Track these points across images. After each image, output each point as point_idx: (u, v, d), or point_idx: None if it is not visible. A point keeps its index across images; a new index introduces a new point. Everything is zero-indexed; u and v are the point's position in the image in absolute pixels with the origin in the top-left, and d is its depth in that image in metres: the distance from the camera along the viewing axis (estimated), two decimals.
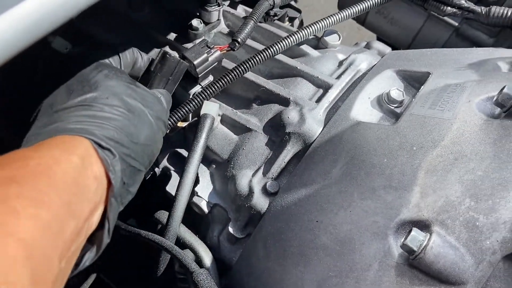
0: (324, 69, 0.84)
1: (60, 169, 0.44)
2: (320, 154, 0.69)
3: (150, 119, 0.58)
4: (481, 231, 0.49)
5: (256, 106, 0.82)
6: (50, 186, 0.42)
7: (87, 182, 0.47)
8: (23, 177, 0.40)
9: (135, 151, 0.54)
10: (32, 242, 0.37)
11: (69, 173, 0.45)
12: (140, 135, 0.55)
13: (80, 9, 0.50)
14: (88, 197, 0.47)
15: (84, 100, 0.53)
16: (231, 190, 0.74)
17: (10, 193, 0.38)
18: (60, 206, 0.42)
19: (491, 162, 0.53)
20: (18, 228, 0.37)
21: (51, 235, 0.40)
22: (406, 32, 1.11)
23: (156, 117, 0.60)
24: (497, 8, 0.86)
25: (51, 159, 0.44)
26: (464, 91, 0.63)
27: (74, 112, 0.52)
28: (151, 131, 0.58)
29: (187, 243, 0.72)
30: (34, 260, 0.37)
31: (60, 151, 0.45)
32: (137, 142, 0.55)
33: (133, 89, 0.59)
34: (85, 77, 0.57)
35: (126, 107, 0.55)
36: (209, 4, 0.87)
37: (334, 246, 0.58)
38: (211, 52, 0.74)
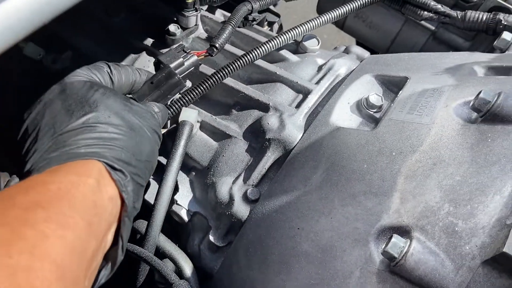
0: (304, 74, 0.84)
1: (79, 192, 0.46)
2: (301, 160, 0.69)
3: (148, 135, 0.59)
4: (460, 236, 0.49)
5: (235, 112, 0.81)
6: (72, 209, 0.44)
7: (103, 203, 0.49)
8: (47, 202, 0.43)
9: (140, 169, 0.56)
10: (62, 263, 0.40)
11: (88, 196, 0.47)
12: (143, 152, 0.57)
13: (54, 15, 0.48)
14: (105, 217, 0.49)
15: (87, 120, 0.54)
16: (211, 197, 0.73)
17: (38, 218, 0.41)
18: (83, 227, 0.44)
19: (469, 167, 0.53)
20: (49, 250, 0.39)
21: (77, 255, 0.42)
22: (384, 36, 1.12)
23: (153, 131, 0.61)
24: (472, 12, 0.87)
25: (69, 183, 0.46)
26: (441, 96, 0.64)
27: (80, 135, 0.53)
28: (151, 147, 0.60)
29: (167, 252, 0.71)
30: (65, 280, 0.40)
31: (76, 176, 0.48)
32: (140, 159, 0.56)
33: (130, 106, 0.60)
34: (83, 97, 0.57)
35: (128, 125, 0.56)
36: (187, 9, 0.86)
37: (316, 253, 0.58)
38: (187, 56, 0.73)
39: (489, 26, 0.85)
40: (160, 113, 0.67)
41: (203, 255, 0.73)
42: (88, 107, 0.56)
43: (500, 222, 0.48)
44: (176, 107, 0.73)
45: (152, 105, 0.67)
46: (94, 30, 0.90)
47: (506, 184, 0.50)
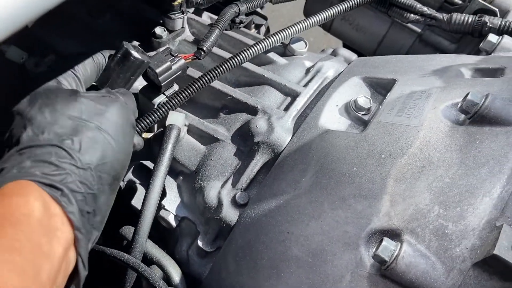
0: (292, 76, 0.84)
1: (22, 214, 0.44)
2: (290, 163, 0.68)
3: (100, 135, 0.55)
4: (451, 239, 0.49)
5: (223, 115, 0.80)
6: (17, 231, 0.42)
7: (51, 221, 0.46)
8: None
9: (85, 177, 0.52)
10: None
11: (32, 216, 0.45)
12: (88, 156, 0.53)
13: (36, 16, 0.47)
14: (57, 235, 0.46)
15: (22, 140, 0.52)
16: (200, 202, 0.72)
17: None
18: (31, 249, 0.42)
19: (458, 169, 0.53)
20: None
21: (29, 279, 0.41)
22: (371, 39, 1.12)
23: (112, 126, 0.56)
24: (458, 15, 0.88)
25: (12, 205, 0.45)
26: (429, 98, 0.64)
27: (15, 155, 0.51)
28: (104, 147, 0.55)
29: (154, 259, 0.69)
30: None
31: (17, 197, 0.46)
32: (82, 167, 0.52)
33: (74, 106, 0.56)
34: (21, 114, 0.55)
35: (67, 132, 0.53)
36: (173, 11, 0.85)
37: (306, 257, 0.57)
38: (175, 60, 0.72)
39: (475, 28, 0.86)
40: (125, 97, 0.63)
41: (191, 261, 0.72)
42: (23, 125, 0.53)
43: (490, 224, 0.48)
44: (163, 110, 0.72)
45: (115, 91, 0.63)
46: (78, 33, 0.89)
47: (495, 186, 0.50)
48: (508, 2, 0.92)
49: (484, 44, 0.77)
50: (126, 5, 0.93)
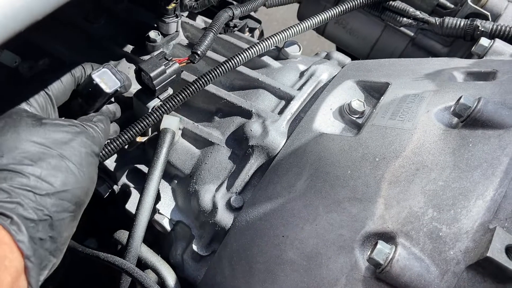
0: (286, 80, 0.84)
1: None
2: (284, 166, 0.69)
3: (63, 163, 0.54)
4: (445, 242, 0.49)
5: (218, 119, 0.80)
6: None
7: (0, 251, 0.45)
8: None
9: (42, 203, 0.51)
10: None
11: None
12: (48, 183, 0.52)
13: (30, 22, 0.47)
14: (5, 264, 0.45)
15: None
16: (194, 206, 0.72)
17: None
18: None
19: (451, 171, 0.54)
20: None
21: None
22: (364, 42, 1.13)
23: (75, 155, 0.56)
24: (450, 19, 0.88)
25: None
26: (422, 101, 0.64)
27: None
28: (66, 175, 0.54)
29: (149, 263, 0.69)
30: None
31: None
32: (40, 193, 0.51)
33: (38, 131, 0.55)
34: None
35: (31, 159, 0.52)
36: (167, 15, 0.85)
37: (301, 261, 0.57)
38: (169, 64, 0.72)
39: (467, 32, 0.86)
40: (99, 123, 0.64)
41: (186, 265, 0.72)
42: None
43: (483, 227, 0.48)
44: (158, 114, 0.72)
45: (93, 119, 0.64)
46: (72, 37, 0.88)
47: (488, 189, 0.50)
48: (500, 6, 0.93)
49: (476, 48, 0.78)
50: (121, 9, 0.93)
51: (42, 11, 0.47)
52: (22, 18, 0.45)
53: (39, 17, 0.47)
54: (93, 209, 0.94)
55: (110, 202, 0.83)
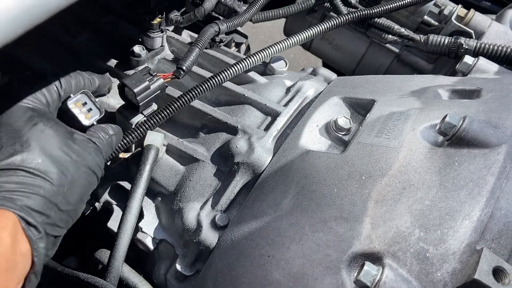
0: (272, 96, 0.83)
1: None
2: (270, 184, 0.68)
3: (82, 180, 0.56)
4: (432, 263, 0.48)
5: (203, 135, 0.79)
6: None
7: (16, 259, 0.46)
8: None
9: (62, 219, 0.53)
10: None
11: (2, 253, 0.44)
12: (70, 200, 0.54)
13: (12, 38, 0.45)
14: (16, 273, 0.46)
15: (14, 162, 0.50)
16: (178, 224, 0.71)
17: None
18: None
19: (438, 191, 0.53)
20: None
21: None
22: (350, 58, 1.14)
23: (90, 172, 0.58)
24: (434, 36, 0.89)
25: None
26: (408, 119, 0.64)
27: (3, 177, 0.49)
28: (82, 192, 0.57)
29: (130, 284, 0.67)
30: None
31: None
32: (64, 209, 0.53)
33: (69, 145, 0.56)
34: (17, 132, 0.53)
35: (59, 170, 0.53)
36: (152, 30, 0.84)
37: (287, 282, 0.56)
38: (154, 80, 0.71)
39: (451, 50, 0.87)
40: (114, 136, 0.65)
41: (169, 284, 0.70)
42: (19, 145, 0.52)
43: (470, 248, 0.48)
44: (141, 130, 0.70)
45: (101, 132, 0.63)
46: (54, 51, 0.87)
47: (474, 209, 0.50)
48: (483, 24, 0.94)
49: (461, 66, 0.78)
50: (105, 23, 0.91)
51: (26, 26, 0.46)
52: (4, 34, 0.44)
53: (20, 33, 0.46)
54: (74, 226, 0.92)
55: (92, 220, 0.81)
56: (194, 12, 0.91)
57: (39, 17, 0.43)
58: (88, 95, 0.66)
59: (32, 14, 0.42)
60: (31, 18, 0.43)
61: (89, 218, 0.80)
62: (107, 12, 0.93)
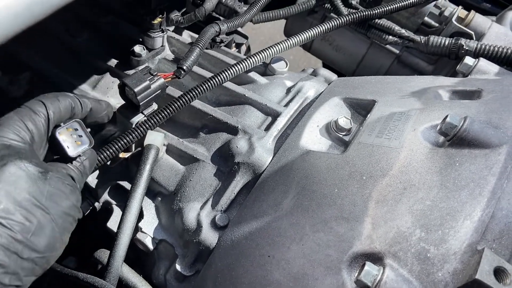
0: (272, 96, 0.83)
1: None
2: (271, 184, 0.67)
3: (52, 225, 0.51)
4: (433, 263, 0.48)
5: (203, 135, 0.79)
6: None
7: None
8: None
9: (24, 268, 0.48)
10: None
11: None
12: (35, 246, 0.49)
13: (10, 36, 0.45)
14: None
15: None
16: (178, 224, 0.70)
17: None
18: None
19: (439, 191, 0.53)
20: None
21: None
22: (350, 59, 1.14)
23: (64, 215, 0.53)
24: (435, 37, 0.89)
25: None
26: (409, 120, 0.64)
27: None
28: (51, 238, 0.51)
29: (130, 284, 0.67)
30: None
31: None
32: (26, 257, 0.49)
33: (40, 186, 0.52)
34: None
35: (23, 216, 0.49)
36: (153, 30, 0.84)
37: (287, 282, 0.56)
38: (154, 79, 0.71)
39: (452, 51, 0.87)
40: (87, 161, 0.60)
41: (169, 285, 0.70)
42: None
43: (471, 248, 0.47)
44: (141, 130, 0.70)
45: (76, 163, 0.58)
46: (55, 51, 0.87)
47: (475, 209, 0.50)
48: (484, 25, 0.94)
49: (461, 67, 0.78)
50: (105, 22, 0.91)
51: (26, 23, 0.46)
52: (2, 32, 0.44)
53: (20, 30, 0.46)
54: None
55: (91, 220, 0.81)
56: (194, 12, 0.91)
57: (40, 13, 0.43)
58: (79, 124, 0.61)
59: (33, 11, 0.42)
60: (32, 15, 0.43)
61: (89, 218, 0.80)
62: (108, 12, 0.93)
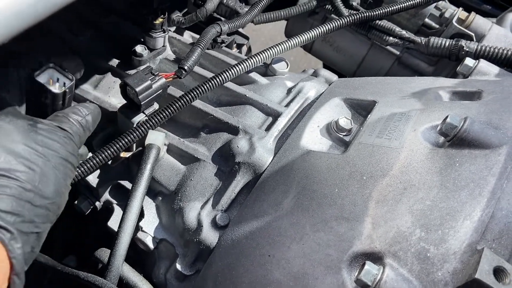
0: (273, 96, 0.84)
1: None
2: (271, 184, 0.68)
3: (55, 172, 0.53)
4: (433, 263, 0.48)
5: (204, 135, 0.79)
6: None
7: None
8: None
9: (38, 214, 0.50)
10: None
11: None
12: (44, 193, 0.51)
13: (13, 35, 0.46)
14: None
15: None
16: (179, 224, 0.71)
17: None
18: None
19: (439, 191, 0.53)
20: None
21: None
22: (351, 60, 1.14)
23: (63, 161, 0.55)
24: (436, 39, 0.90)
25: None
26: (409, 120, 0.65)
27: None
28: (58, 184, 0.53)
29: (130, 283, 0.67)
30: None
31: None
32: (39, 204, 0.50)
33: (33, 137, 0.52)
34: None
35: (25, 165, 0.50)
36: (154, 30, 0.85)
37: (287, 281, 0.56)
38: (155, 79, 0.71)
39: (452, 52, 0.88)
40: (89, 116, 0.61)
41: (169, 284, 0.70)
42: None
43: (471, 248, 0.48)
44: (143, 129, 0.71)
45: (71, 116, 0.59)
46: (57, 49, 0.87)
47: (475, 209, 0.50)
48: (484, 27, 0.95)
49: (461, 68, 0.78)
50: (107, 22, 0.92)
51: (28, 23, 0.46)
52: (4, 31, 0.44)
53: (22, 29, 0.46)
54: (74, 225, 0.92)
55: (92, 219, 0.81)
56: (196, 12, 0.92)
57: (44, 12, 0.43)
58: (55, 67, 0.61)
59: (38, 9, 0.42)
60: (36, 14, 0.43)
61: (89, 218, 0.80)
62: (110, 12, 0.93)
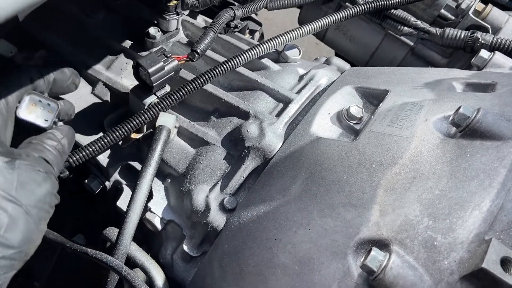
0: (285, 83, 0.83)
1: None
2: (280, 169, 0.68)
3: (26, 218, 0.48)
4: (439, 251, 0.48)
5: (214, 119, 0.79)
6: None
7: None
8: None
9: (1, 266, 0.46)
10: None
11: None
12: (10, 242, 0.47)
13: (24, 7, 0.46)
14: None
15: None
16: (187, 206, 0.71)
17: None
18: None
19: (448, 181, 0.53)
20: None
21: None
22: (364, 49, 1.13)
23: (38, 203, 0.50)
24: (451, 30, 0.89)
25: None
26: (421, 110, 0.64)
27: None
28: (26, 232, 0.48)
29: (138, 262, 0.68)
30: None
31: None
32: (2, 256, 0.46)
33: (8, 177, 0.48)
34: None
35: None
36: (168, 12, 0.85)
37: (293, 265, 0.57)
38: (168, 61, 0.71)
39: (467, 44, 0.87)
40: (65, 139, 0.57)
41: (175, 265, 0.71)
42: None
43: (478, 238, 0.47)
44: (154, 111, 0.71)
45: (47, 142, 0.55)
46: (71, 30, 0.87)
47: (484, 200, 0.50)
48: (501, 19, 0.93)
49: (476, 60, 0.78)
50: (121, 4, 0.92)
51: None
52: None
53: None
54: (83, 204, 0.93)
55: (101, 198, 0.82)
56: None
57: None
58: (36, 95, 0.58)
59: None
60: None
61: (99, 197, 0.81)
62: None
